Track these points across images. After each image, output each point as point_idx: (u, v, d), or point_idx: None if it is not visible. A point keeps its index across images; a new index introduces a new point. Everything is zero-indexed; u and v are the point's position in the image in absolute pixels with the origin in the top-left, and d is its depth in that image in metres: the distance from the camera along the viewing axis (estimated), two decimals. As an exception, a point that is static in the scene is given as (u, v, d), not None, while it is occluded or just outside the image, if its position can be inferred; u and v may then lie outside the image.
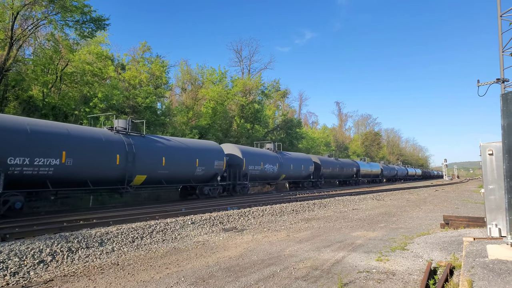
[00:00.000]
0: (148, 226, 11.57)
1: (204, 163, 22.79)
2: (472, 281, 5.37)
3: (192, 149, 22.49)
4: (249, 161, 28.10)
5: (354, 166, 51.95)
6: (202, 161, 22.68)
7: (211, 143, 25.74)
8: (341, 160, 48.79)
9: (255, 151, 30.85)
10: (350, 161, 53.62)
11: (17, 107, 23.88)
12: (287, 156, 34.16)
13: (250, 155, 28.54)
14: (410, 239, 10.89)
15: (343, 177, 48.94)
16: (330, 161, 44.75)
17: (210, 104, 42.86)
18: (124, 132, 18.80)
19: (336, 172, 45.28)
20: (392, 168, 76.02)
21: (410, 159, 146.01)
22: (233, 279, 6.99)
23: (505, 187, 6.64)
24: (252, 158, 28.52)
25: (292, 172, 34.09)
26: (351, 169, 50.70)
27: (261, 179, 30.76)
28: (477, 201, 25.29)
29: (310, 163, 37.80)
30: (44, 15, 23.23)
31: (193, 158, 22.10)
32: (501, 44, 17.08)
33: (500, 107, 6.71)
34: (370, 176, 60.15)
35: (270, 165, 30.54)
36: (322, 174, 40.79)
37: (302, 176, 36.68)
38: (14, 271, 7.40)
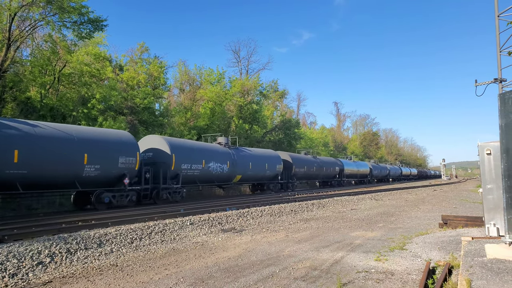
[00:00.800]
0: (146, 227, 11.56)
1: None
2: (470, 280, 5.38)
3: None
4: (181, 159, 22.05)
5: (336, 165, 46.91)
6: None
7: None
8: (320, 158, 43.67)
9: (192, 145, 24.85)
10: (332, 160, 48.53)
11: (15, 109, 23.82)
12: (244, 153, 28.84)
13: (182, 150, 22.53)
14: (408, 239, 10.90)
15: (323, 177, 43.81)
16: (305, 159, 39.92)
17: (208, 105, 42.86)
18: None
19: (313, 172, 40.16)
20: (383, 167, 71.28)
21: (408, 159, 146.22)
22: (232, 279, 6.99)
23: (503, 186, 6.66)
24: (186, 154, 22.74)
25: (251, 172, 28.83)
26: (333, 169, 45.77)
27: (204, 181, 24.80)
28: (475, 200, 25.35)
29: (277, 161, 32.75)
30: (41, 16, 23.17)
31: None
32: (498, 44, 17.13)
33: (498, 107, 6.73)
34: (356, 176, 55.41)
35: (218, 163, 25.10)
36: (294, 174, 36.01)
37: (267, 176, 31.46)
38: (12, 272, 7.39)
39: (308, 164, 39.38)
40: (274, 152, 34.77)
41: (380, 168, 68.05)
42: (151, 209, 16.60)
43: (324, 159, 45.47)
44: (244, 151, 29.49)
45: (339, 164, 48.13)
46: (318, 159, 42.49)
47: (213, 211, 16.04)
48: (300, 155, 41.59)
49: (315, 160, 41.62)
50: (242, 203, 19.51)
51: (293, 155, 37.80)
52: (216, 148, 26.37)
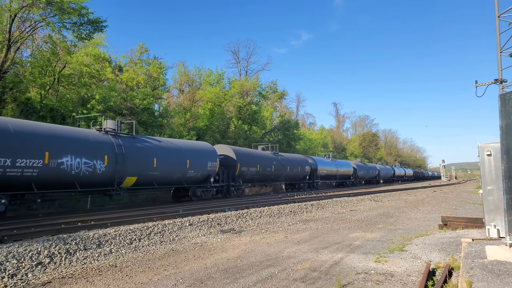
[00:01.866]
0: (146, 228, 11.54)
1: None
2: (471, 282, 5.36)
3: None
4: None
5: (306, 164, 38.75)
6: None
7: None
8: (283, 155, 35.57)
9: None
10: (300, 157, 39.82)
11: (15, 109, 23.81)
12: (162, 145, 21.03)
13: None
14: (408, 240, 10.88)
15: (288, 178, 35.94)
16: (259, 155, 31.44)
17: (207, 106, 42.89)
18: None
19: (270, 172, 31.84)
20: (372, 167, 64.02)
21: (407, 160, 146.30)
22: (231, 280, 6.97)
23: (503, 187, 6.65)
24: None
25: (157, 172, 19.97)
26: (301, 168, 37.66)
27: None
28: (476, 202, 25.34)
29: (212, 157, 24.05)
30: (41, 17, 23.19)
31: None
32: (499, 44, 17.14)
33: (498, 108, 6.73)
34: (336, 178, 47.73)
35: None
36: (240, 174, 27.67)
37: (194, 179, 22.84)
38: (12, 273, 7.36)
39: (264, 163, 31.03)
40: (210, 146, 25.78)
41: (367, 168, 60.90)
42: (151, 210, 16.58)
43: (289, 156, 37.25)
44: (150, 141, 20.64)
45: (310, 162, 40.42)
46: (281, 156, 34.83)
47: (212, 212, 16.02)
48: (252, 150, 33.37)
49: (275, 157, 33.69)
50: (241, 204, 19.49)
51: (240, 150, 29.72)
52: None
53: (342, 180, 50.41)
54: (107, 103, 28.32)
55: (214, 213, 15.59)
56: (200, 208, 17.57)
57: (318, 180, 42.22)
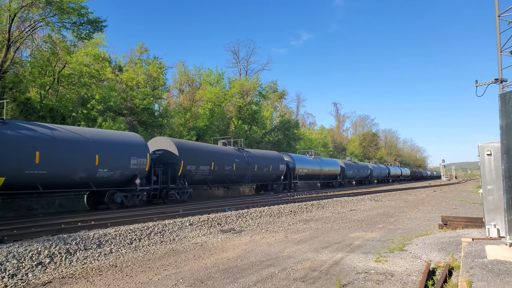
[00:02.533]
0: (146, 228, 11.55)
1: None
2: (471, 281, 5.36)
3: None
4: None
5: (281, 162, 33.55)
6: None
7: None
8: (250, 152, 30.08)
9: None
10: (274, 155, 34.36)
11: (14, 109, 23.81)
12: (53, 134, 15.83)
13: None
14: (408, 240, 10.89)
15: (257, 179, 30.84)
16: (213, 151, 25.90)
17: (207, 106, 42.87)
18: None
19: (229, 172, 26.47)
20: (363, 166, 59.47)
21: (407, 160, 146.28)
22: (231, 280, 6.97)
23: (503, 187, 6.65)
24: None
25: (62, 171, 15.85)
26: (275, 167, 32.62)
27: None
28: (476, 201, 25.33)
29: (139, 152, 19.01)
30: (41, 17, 23.18)
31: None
32: (499, 44, 17.14)
33: (499, 107, 6.73)
34: (319, 178, 42.36)
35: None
36: (185, 174, 22.24)
37: (110, 180, 17.74)
38: (12, 273, 7.37)
39: (219, 159, 25.57)
40: (132, 135, 20.24)
41: (358, 167, 56.13)
42: (151, 210, 16.59)
43: (258, 152, 31.98)
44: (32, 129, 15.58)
45: (285, 160, 34.84)
46: (247, 152, 29.47)
47: (212, 212, 16.03)
48: (205, 144, 28.32)
49: (238, 153, 27.97)
50: (241, 204, 19.51)
51: (185, 144, 24.18)
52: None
53: (328, 181, 45.42)
54: (107, 103, 28.31)
55: (214, 213, 15.60)
56: (201, 208, 17.58)
57: (297, 180, 36.59)
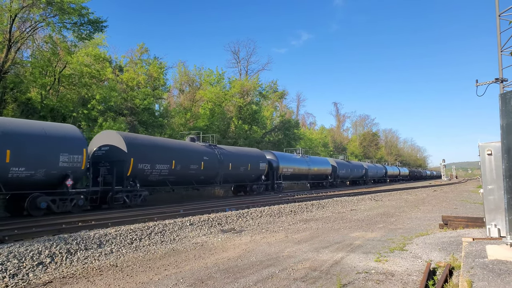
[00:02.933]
0: (146, 228, 11.55)
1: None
2: (471, 281, 5.36)
3: None
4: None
5: (262, 161, 30.38)
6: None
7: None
8: (223, 149, 27.02)
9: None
10: (254, 152, 30.98)
11: (15, 109, 23.83)
12: None
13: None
14: (408, 239, 10.88)
15: (233, 179, 27.73)
16: (175, 148, 22.38)
17: (207, 106, 42.89)
18: None
19: (196, 172, 23.20)
20: (357, 165, 56.42)
21: (408, 160, 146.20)
22: (231, 280, 6.98)
23: (504, 187, 6.64)
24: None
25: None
26: (254, 166, 29.32)
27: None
28: (476, 201, 25.32)
29: (72, 147, 16.05)
30: (42, 17, 23.21)
31: None
32: (499, 43, 17.13)
33: (499, 107, 6.72)
34: (307, 178, 39.45)
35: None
36: (136, 174, 19.22)
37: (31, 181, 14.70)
38: (13, 273, 7.37)
39: (182, 157, 22.25)
40: (67, 128, 17.07)
41: (351, 166, 53.00)
42: (152, 209, 16.60)
43: (234, 150, 28.83)
44: None
45: (268, 159, 31.63)
46: (219, 149, 26.16)
47: (212, 212, 16.04)
48: (164, 139, 24.43)
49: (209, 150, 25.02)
50: (241, 204, 19.51)
51: (138, 139, 20.46)
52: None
53: (318, 181, 42.57)
54: (108, 103, 28.33)
55: (214, 213, 15.60)
56: (201, 208, 17.59)
57: (281, 180, 33.34)
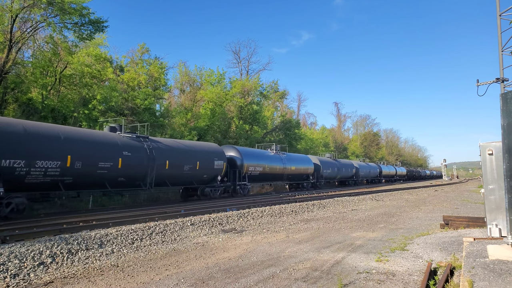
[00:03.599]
0: (147, 228, 11.56)
1: None
2: (472, 281, 5.36)
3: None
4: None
5: (217, 158, 24.91)
6: None
7: None
8: (160, 143, 21.41)
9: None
10: (206, 148, 25.33)
11: (16, 110, 23.86)
12: None
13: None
14: (409, 239, 10.88)
15: (171, 181, 21.60)
16: (68, 137, 16.37)
17: (208, 106, 42.89)
18: None
19: (107, 171, 17.65)
20: (346, 164, 50.79)
21: (409, 160, 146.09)
22: (232, 280, 6.98)
23: (505, 187, 6.64)
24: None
25: None
26: (204, 165, 23.70)
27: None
28: (477, 201, 25.30)
29: None
30: (43, 17, 23.24)
31: None
32: (500, 43, 17.10)
33: (500, 107, 6.72)
34: (282, 178, 33.97)
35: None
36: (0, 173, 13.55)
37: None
38: (14, 273, 7.38)
39: (84, 150, 16.69)
40: None
41: (338, 165, 47.28)
42: (153, 209, 16.60)
43: (173, 143, 22.71)
44: None
45: (226, 156, 26.46)
46: (149, 141, 20.50)
47: (213, 212, 16.03)
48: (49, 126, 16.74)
49: (134, 143, 19.45)
50: (242, 204, 19.51)
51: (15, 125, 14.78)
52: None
53: (296, 182, 38.08)
54: (109, 103, 28.35)
55: (215, 213, 15.60)
56: (202, 208, 17.59)
57: (246, 181, 27.91)
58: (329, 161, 45.74)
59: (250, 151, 30.72)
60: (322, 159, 44.11)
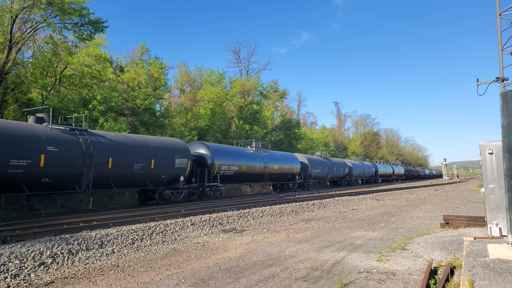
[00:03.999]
0: (148, 228, 11.56)
1: None
2: (473, 280, 5.36)
3: None
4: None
5: (178, 156, 21.11)
6: None
7: None
8: (104, 137, 18.01)
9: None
10: (167, 144, 21.48)
11: (16, 110, 23.86)
12: None
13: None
14: (410, 239, 10.88)
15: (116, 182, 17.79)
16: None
17: (208, 106, 42.87)
18: None
19: (23, 171, 13.95)
20: (338, 164, 47.54)
21: (409, 159, 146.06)
22: (233, 280, 6.98)
23: (505, 186, 6.64)
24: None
25: None
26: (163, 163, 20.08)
27: None
28: (477, 200, 25.30)
29: None
30: (43, 18, 23.22)
31: None
32: (500, 42, 17.10)
33: (500, 106, 6.72)
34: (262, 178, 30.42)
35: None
36: None
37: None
38: (15, 273, 7.39)
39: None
40: None
41: (329, 165, 44.23)
42: (153, 209, 16.62)
43: (120, 138, 18.97)
44: None
45: (191, 154, 22.93)
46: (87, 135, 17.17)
47: (214, 212, 16.04)
48: None
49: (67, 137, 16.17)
50: (243, 204, 19.52)
51: None
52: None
53: (280, 182, 34.79)
54: (109, 103, 28.36)
55: (215, 213, 15.61)
56: (202, 208, 17.60)
57: (217, 182, 24.74)
58: (318, 159, 42.86)
59: (223, 148, 27.96)
60: (310, 157, 41.33)
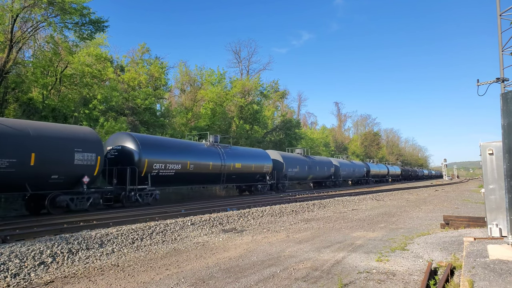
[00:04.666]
0: (148, 227, 11.57)
1: None
2: (473, 281, 5.36)
3: None
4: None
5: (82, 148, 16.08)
6: None
7: None
8: None
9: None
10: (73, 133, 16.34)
11: (17, 109, 23.87)
12: None
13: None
14: (410, 239, 10.88)
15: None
16: None
17: (209, 105, 42.91)
18: None
19: None
20: (322, 162, 43.18)
21: (409, 159, 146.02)
22: (233, 280, 6.98)
23: (505, 186, 6.63)
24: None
25: None
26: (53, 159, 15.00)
27: None
28: (477, 201, 25.28)
29: None
30: (43, 17, 23.25)
31: None
32: (500, 43, 17.11)
33: (500, 107, 6.71)
34: (219, 179, 25.87)
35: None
36: None
37: None
38: (14, 272, 7.39)
39: None
40: None
41: (310, 164, 39.51)
42: (153, 209, 16.63)
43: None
44: None
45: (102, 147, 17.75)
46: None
47: (214, 212, 16.04)
48: None
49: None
50: (243, 204, 19.53)
51: None
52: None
53: (246, 184, 30.21)
54: (109, 103, 28.38)
55: (215, 213, 15.60)
56: (202, 207, 17.61)
57: (147, 185, 19.77)
58: (296, 157, 38.02)
59: (157, 141, 22.13)
60: (286, 155, 36.66)
